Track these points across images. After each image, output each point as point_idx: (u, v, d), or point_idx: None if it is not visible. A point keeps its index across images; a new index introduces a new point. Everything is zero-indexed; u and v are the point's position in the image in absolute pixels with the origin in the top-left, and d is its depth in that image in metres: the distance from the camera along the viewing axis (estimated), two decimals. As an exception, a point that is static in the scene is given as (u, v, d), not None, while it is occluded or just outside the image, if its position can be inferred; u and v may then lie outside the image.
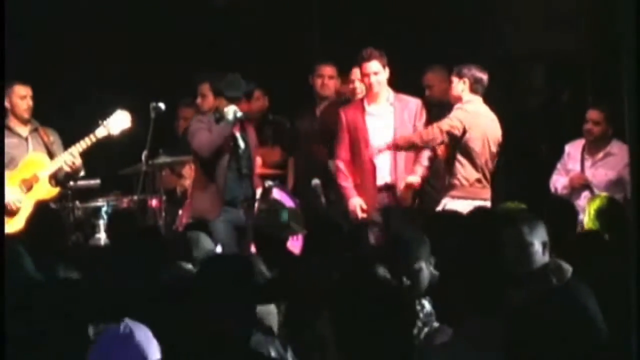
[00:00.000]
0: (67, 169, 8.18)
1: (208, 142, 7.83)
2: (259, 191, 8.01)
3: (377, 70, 7.95)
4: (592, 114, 8.17)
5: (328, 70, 8.89)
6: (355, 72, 8.36)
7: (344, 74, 8.80)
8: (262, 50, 9.97)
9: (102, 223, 8.41)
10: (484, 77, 7.86)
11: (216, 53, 9.66)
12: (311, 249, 6.26)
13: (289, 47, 10.00)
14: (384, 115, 8.06)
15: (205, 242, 5.90)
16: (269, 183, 8.05)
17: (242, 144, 7.93)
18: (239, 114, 7.82)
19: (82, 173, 8.30)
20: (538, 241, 5.22)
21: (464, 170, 7.78)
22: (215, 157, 7.86)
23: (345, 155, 8.09)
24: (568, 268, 5.16)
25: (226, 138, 7.84)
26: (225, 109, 7.83)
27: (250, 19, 10.17)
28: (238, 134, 7.94)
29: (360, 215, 7.97)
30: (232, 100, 7.86)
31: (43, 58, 9.57)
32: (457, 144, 7.78)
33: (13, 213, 8.09)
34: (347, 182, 8.08)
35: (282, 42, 10.08)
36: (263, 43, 10.03)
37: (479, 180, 7.82)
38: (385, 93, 8.06)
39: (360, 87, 8.37)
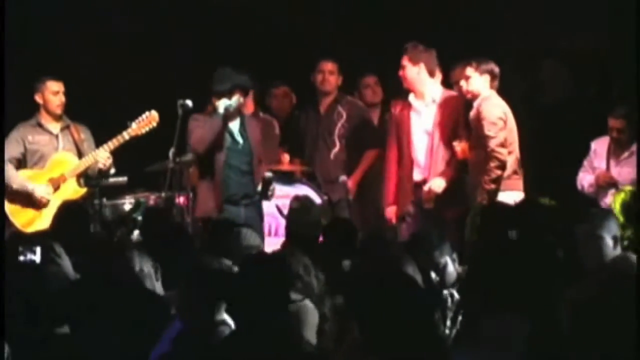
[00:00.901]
0: (101, 166, 8.15)
1: (201, 138, 7.74)
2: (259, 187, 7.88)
3: (404, 65, 7.99)
4: (615, 123, 8.10)
5: (329, 66, 8.90)
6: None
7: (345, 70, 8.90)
8: (288, 47, 10.00)
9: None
10: (498, 72, 7.88)
11: (243, 50, 9.67)
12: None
13: (315, 44, 10.00)
14: (426, 113, 8.09)
15: (251, 237, 5.83)
16: (267, 174, 7.91)
17: (240, 140, 7.86)
18: (228, 103, 7.70)
19: (112, 171, 8.32)
20: (609, 235, 5.31)
21: (504, 162, 7.74)
22: (211, 153, 7.77)
23: (393, 148, 8.15)
24: (634, 260, 5.22)
25: (218, 132, 7.73)
26: (217, 103, 7.78)
27: (275, 16, 10.18)
28: (236, 130, 7.86)
29: (393, 221, 8.05)
30: (220, 95, 7.76)
31: (73, 55, 9.61)
32: (496, 137, 7.76)
33: (42, 205, 8.10)
34: (389, 184, 8.15)
35: (307, 40, 10.10)
36: (287, 41, 10.06)
37: (515, 172, 7.84)
38: (430, 90, 8.07)
39: None
